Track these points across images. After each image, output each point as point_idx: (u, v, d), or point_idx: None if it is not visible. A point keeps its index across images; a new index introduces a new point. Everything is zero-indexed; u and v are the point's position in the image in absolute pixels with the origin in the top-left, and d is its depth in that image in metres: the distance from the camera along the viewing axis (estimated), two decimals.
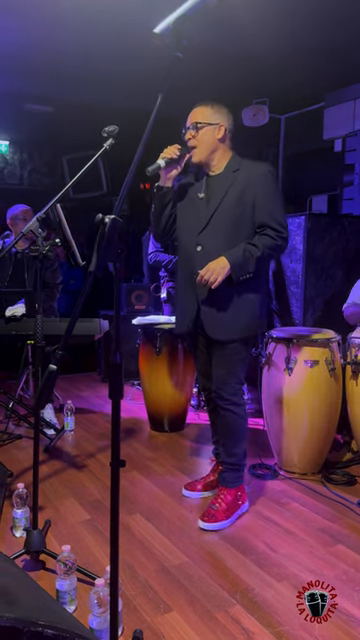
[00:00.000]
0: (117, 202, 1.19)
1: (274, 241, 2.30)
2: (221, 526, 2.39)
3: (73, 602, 1.83)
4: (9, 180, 7.03)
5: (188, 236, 2.43)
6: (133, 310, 5.10)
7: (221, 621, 1.78)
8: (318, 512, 2.54)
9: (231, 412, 2.44)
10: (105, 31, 3.43)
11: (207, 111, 2.36)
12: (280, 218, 2.33)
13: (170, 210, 2.47)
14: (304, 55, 4.03)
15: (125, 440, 3.54)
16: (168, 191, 2.43)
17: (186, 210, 2.47)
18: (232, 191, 2.34)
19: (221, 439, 2.56)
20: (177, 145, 2.34)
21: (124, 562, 2.12)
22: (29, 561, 2.09)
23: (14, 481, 2.78)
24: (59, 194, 2.02)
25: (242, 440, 2.51)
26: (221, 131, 2.36)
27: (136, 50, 3.62)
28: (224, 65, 4.01)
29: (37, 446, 2.10)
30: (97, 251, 1.12)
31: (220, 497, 2.47)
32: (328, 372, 2.83)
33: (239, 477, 2.53)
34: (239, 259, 2.25)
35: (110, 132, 1.97)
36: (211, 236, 2.35)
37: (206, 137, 2.35)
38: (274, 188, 2.38)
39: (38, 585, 1.67)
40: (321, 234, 3.79)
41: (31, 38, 3.62)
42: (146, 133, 1.27)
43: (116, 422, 1.19)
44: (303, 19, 3.39)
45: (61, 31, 3.47)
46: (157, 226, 2.52)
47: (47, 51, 3.85)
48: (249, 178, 2.34)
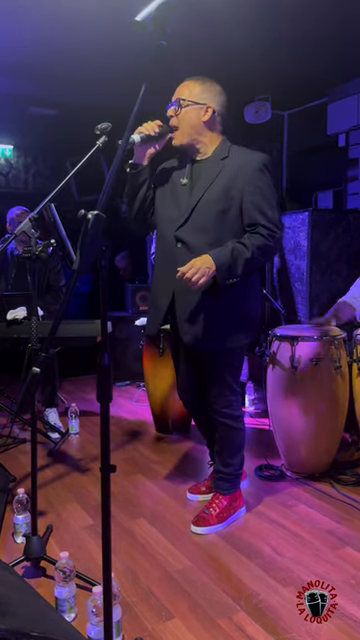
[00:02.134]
0: (101, 197, 1.15)
1: (266, 241, 2.05)
2: (214, 530, 2.31)
3: (72, 610, 1.79)
4: (14, 184, 7.03)
5: (167, 229, 2.19)
6: (137, 311, 5.06)
7: (224, 628, 1.73)
8: (325, 514, 2.48)
9: (227, 426, 2.30)
10: (107, 31, 3.41)
11: (195, 88, 2.11)
12: (273, 216, 2.07)
13: (145, 192, 2.21)
14: (306, 50, 3.98)
15: (129, 442, 3.50)
16: (142, 170, 2.16)
17: (166, 197, 2.22)
18: (219, 181, 2.09)
19: (217, 448, 2.42)
20: (158, 122, 2.10)
21: (126, 567, 2.08)
22: (29, 568, 2.06)
23: (16, 486, 2.75)
24: (52, 193, 1.98)
25: (239, 451, 2.41)
26: (208, 113, 2.10)
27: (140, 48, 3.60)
28: (225, 61, 3.96)
29: (35, 452, 2.06)
30: (80, 249, 1.08)
31: (214, 502, 2.38)
32: (334, 370, 2.76)
33: (235, 485, 2.43)
34: (226, 260, 1.98)
35: (103, 129, 1.92)
36: (193, 232, 2.11)
37: (189, 117, 2.10)
38: (267, 183, 2.10)
39: (37, 593, 1.64)
40: (326, 230, 3.73)
41: (33, 41, 3.61)
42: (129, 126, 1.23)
43: (105, 426, 1.15)
44: (305, 13, 3.33)
45: (63, 33, 3.45)
46: (130, 209, 2.24)
47: (50, 54, 3.83)
48: (239, 169, 2.09)
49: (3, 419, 3.78)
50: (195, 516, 2.38)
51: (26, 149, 6.99)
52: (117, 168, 1.18)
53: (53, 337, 1.16)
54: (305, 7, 3.24)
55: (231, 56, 3.92)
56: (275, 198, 2.13)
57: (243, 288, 2.16)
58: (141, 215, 2.27)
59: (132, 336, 4.79)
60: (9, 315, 3.22)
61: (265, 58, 4.04)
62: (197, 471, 3.00)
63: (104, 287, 1.18)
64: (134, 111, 1.22)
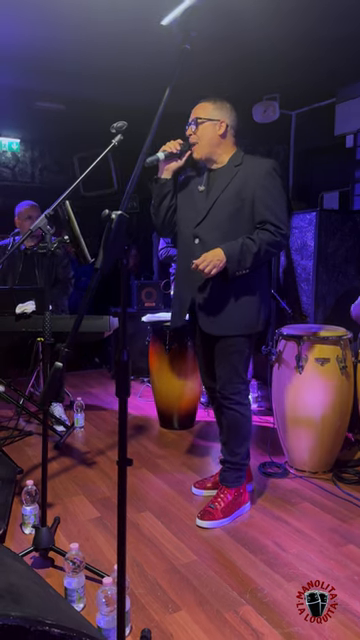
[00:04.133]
0: (124, 198, 1.18)
1: (274, 237, 2.25)
2: (219, 524, 2.37)
3: (81, 600, 1.83)
4: (20, 178, 7.04)
5: (186, 228, 2.41)
6: (143, 307, 5.09)
7: (230, 621, 1.77)
8: (329, 511, 2.52)
9: (235, 411, 2.42)
10: (115, 27, 3.41)
11: (208, 107, 2.35)
12: (280, 214, 2.28)
13: (169, 202, 2.45)
14: (315, 50, 3.98)
15: (135, 437, 3.53)
16: (166, 182, 2.42)
17: (186, 202, 2.46)
18: (232, 185, 2.31)
19: (224, 438, 2.52)
20: (179, 140, 2.35)
21: (133, 560, 2.11)
22: (38, 558, 2.09)
23: (24, 478, 2.78)
24: (67, 190, 2.00)
25: (246, 440, 2.48)
26: (222, 127, 2.34)
27: (148, 45, 3.60)
28: (234, 60, 3.96)
29: (45, 444, 2.10)
30: (103, 247, 1.11)
31: (220, 496, 2.44)
32: (339, 370, 2.79)
33: (240, 477, 2.49)
34: (236, 253, 2.20)
35: (118, 128, 1.94)
36: (209, 229, 2.33)
37: (206, 133, 2.34)
38: (275, 184, 2.32)
39: (46, 583, 1.67)
40: (332, 230, 3.75)
41: (41, 36, 3.61)
42: (153, 127, 1.25)
43: (123, 421, 1.18)
44: (314, 13, 3.34)
45: (72, 28, 3.46)
46: (156, 218, 2.49)
47: (58, 49, 3.83)
48: (250, 173, 2.31)
49: (9, 412, 3.81)
50: (200, 510, 2.43)
51: (33, 143, 7.01)
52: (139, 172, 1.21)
53: (76, 332, 1.18)
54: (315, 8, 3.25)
55: (241, 56, 3.92)
56: (283, 198, 2.33)
57: (255, 280, 2.35)
58: (167, 221, 2.50)
59: (137, 332, 4.82)
60: (18, 309, 3.25)
61: (274, 58, 4.04)
62: (202, 466, 3.04)
63: (125, 284, 1.20)
64: (158, 114, 1.25)
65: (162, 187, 2.43)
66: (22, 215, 3.80)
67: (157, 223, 2.52)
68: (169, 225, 2.50)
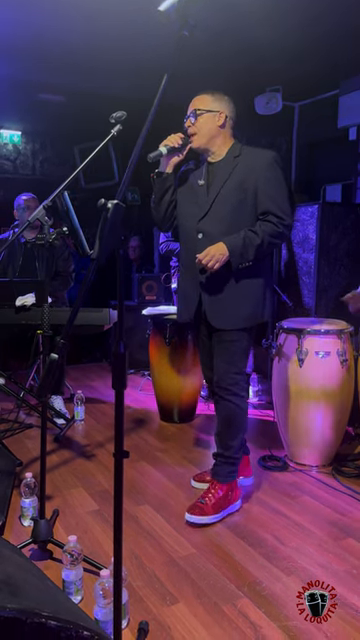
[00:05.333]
0: (120, 187, 1.16)
1: (276, 228, 2.24)
2: (208, 521, 2.32)
3: (79, 592, 1.83)
4: (21, 170, 7.01)
5: (189, 223, 2.40)
6: (144, 300, 5.07)
7: (228, 614, 1.77)
8: (328, 505, 2.51)
9: (230, 402, 2.38)
10: (115, 18, 3.38)
11: (207, 99, 2.34)
12: (283, 205, 2.27)
13: (170, 197, 2.44)
14: (319, 42, 3.94)
15: (134, 430, 3.53)
16: (168, 177, 2.41)
17: (186, 197, 2.44)
18: (233, 177, 2.30)
19: (218, 429, 2.47)
20: (180, 134, 2.34)
21: (131, 553, 2.11)
22: (36, 550, 2.09)
23: (23, 470, 2.78)
24: (66, 181, 1.98)
25: (240, 432, 2.44)
26: (221, 118, 2.33)
27: (148, 37, 3.57)
28: (236, 52, 3.93)
29: (44, 436, 2.09)
30: (100, 237, 1.09)
31: (211, 492, 2.39)
32: (340, 363, 2.78)
33: (232, 472, 2.45)
34: (238, 246, 2.21)
35: (117, 118, 1.93)
36: (212, 223, 2.32)
37: (205, 124, 2.33)
38: (277, 175, 2.31)
39: (44, 575, 1.66)
40: (334, 223, 3.73)
41: (43, 27, 3.58)
42: (151, 114, 1.23)
43: (120, 413, 1.16)
44: (318, 4, 3.30)
45: (73, 20, 3.43)
46: (157, 212, 2.48)
47: (59, 40, 3.81)
48: (251, 164, 2.30)
49: (9, 404, 3.81)
50: (191, 504, 2.39)
51: (34, 135, 6.97)
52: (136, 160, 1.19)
53: (71, 324, 1.17)
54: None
55: (244, 47, 3.89)
56: (285, 189, 2.33)
57: (260, 273, 2.36)
58: (168, 216, 2.48)
59: (138, 325, 4.81)
60: (18, 301, 3.24)
61: (277, 49, 4.01)
62: (201, 460, 3.03)
63: (121, 276, 1.19)
64: (155, 103, 1.22)
65: (164, 182, 2.41)
66: (20, 206, 3.79)
67: (157, 218, 2.51)
68: (169, 219, 2.50)
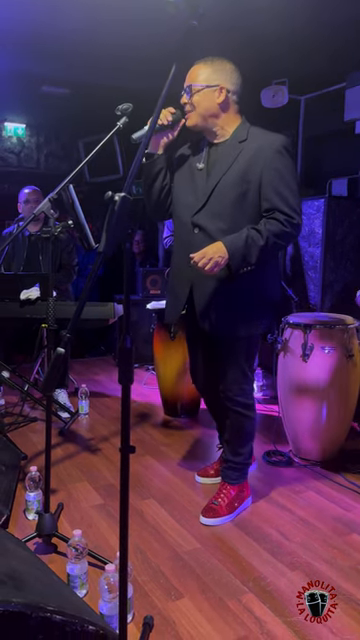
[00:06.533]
0: (127, 180, 1.15)
1: (283, 227, 1.98)
2: (223, 521, 2.29)
3: (84, 586, 1.83)
4: (26, 164, 7.00)
5: (184, 214, 2.15)
6: (148, 295, 5.06)
7: (233, 609, 1.76)
8: (333, 501, 2.50)
9: (239, 414, 2.28)
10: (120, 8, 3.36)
11: (205, 71, 2.04)
12: (292, 201, 1.99)
13: (162, 182, 2.18)
14: (325, 34, 3.90)
15: (139, 425, 3.53)
16: (158, 159, 2.13)
17: (183, 182, 2.18)
18: (235, 166, 2.03)
19: (227, 436, 2.39)
20: (171, 109, 2.07)
21: (136, 547, 2.11)
22: (41, 544, 2.09)
23: (28, 464, 2.79)
24: (71, 174, 1.97)
25: (250, 440, 2.38)
26: (222, 94, 2.04)
27: (154, 27, 3.54)
28: (243, 44, 3.89)
29: (49, 430, 2.09)
30: (106, 230, 1.08)
31: (223, 492, 2.35)
32: (346, 359, 2.76)
33: (244, 474, 2.42)
34: (240, 247, 1.95)
35: (124, 110, 1.90)
36: (210, 218, 2.07)
37: (203, 101, 2.05)
38: (286, 165, 2.01)
39: (49, 569, 1.67)
40: (341, 217, 3.70)
41: (47, 19, 3.56)
42: (158, 107, 1.21)
43: (126, 408, 1.16)
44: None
45: (77, 11, 3.40)
46: (148, 199, 2.22)
47: (63, 32, 3.78)
48: (257, 152, 2.02)
49: (14, 398, 3.82)
50: (204, 507, 2.35)
51: (38, 128, 6.96)
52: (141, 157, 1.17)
53: (78, 318, 1.16)
54: None
55: (250, 40, 3.85)
56: (296, 182, 2.05)
57: (262, 275, 2.12)
58: (160, 204, 2.23)
59: (142, 319, 4.80)
60: (22, 295, 3.24)
61: (284, 42, 3.97)
62: (205, 454, 3.03)
63: (128, 270, 1.18)
64: (163, 94, 1.20)
65: (152, 165, 2.14)
66: (23, 199, 3.78)
67: (148, 206, 2.26)
68: (162, 208, 2.25)
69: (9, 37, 3.85)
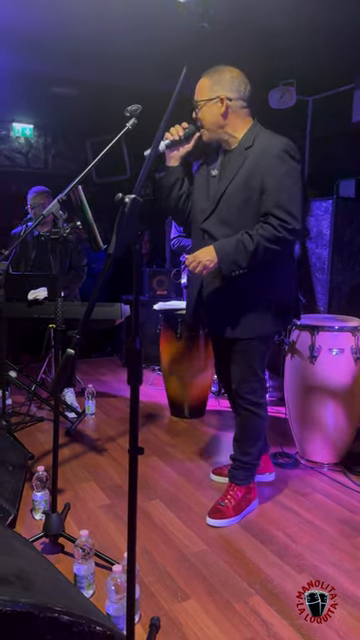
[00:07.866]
0: (137, 182, 1.15)
1: (275, 232, 1.98)
2: (229, 522, 2.29)
3: (91, 587, 1.83)
4: (34, 164, 7.02)
5: (198, 219, 2.24)
6: (155, 295, 5.07)
7: (239, 611, 1.76)
8: (340, 503, 2.50)
9: (250, 412, 2.31)
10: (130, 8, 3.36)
11: (205, 85, 2.11)
12: (289, 206, 1.99)
13: (179, 191, 2.26)
14: (333, 35, 3.89)
15: (145, 425, 3.53)
16: (173, 171, 2.23)
17: (201, 188, 2.27)
18: (241, 173, 2.08)
19: (237, 436, 2.41)
20: (184, 124, 2.15)
21: (143, 548, 2.11)
22: (48, 544, 2.10)
23: (35, 464, 2.79)
24: (80, 175, 1.97)
25: (259, 440, 2.39)
26: (223, 104, 2.08)
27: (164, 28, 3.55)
28: (250, 45, 3.89)
29: (57, 430, 2.09)
30: (116, 232, 1.08)
31: (230, 494, 2.35)
32: (353, 361, 2.76)
33: (250, 475, 2.41)
34: (229, 252, 2.01)
35: (133, 111, 1.90)
36: (216, 225, 2.14)
37: (208, 115, 2.12)
38: (286, 169, 2.03)
39: (56, 569, 1.67)
40: (349, 219, 3.69)
41: (55, 20, 3.57)
42: (168, 110, 1.21)
43: (135, 409, 1.16)
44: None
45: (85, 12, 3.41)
46: (166, 207, 2.32)
47: (72, 33, 3.79)
48: (259, 158, 2.06)
49: (21, 397, 3.83)
50: (211, 508, 2.36)
51: (46, 129, 6.98)
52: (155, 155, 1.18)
53: (88, 319, 1.16)
54: None
55: (258, 40, 3.85)
56: (296, 187, 2.05)
57: (271, 275, 2.14)
58: (179, 211, 2.32)
59: (148, 320, 4.80)
60: (30, 295, 3.25)
61: (292, 43, 3.97)
62: (212, 455, 3.03)
63: (138, 271, 1.18)
64: (174, 96, 1.20)
65: (168, 177, 2.24)
66: (32, 200, 3.79)
67: (169, 212, 2.37)
68: (182, 213, 2.33)
69: (18, 37, 3.86)
